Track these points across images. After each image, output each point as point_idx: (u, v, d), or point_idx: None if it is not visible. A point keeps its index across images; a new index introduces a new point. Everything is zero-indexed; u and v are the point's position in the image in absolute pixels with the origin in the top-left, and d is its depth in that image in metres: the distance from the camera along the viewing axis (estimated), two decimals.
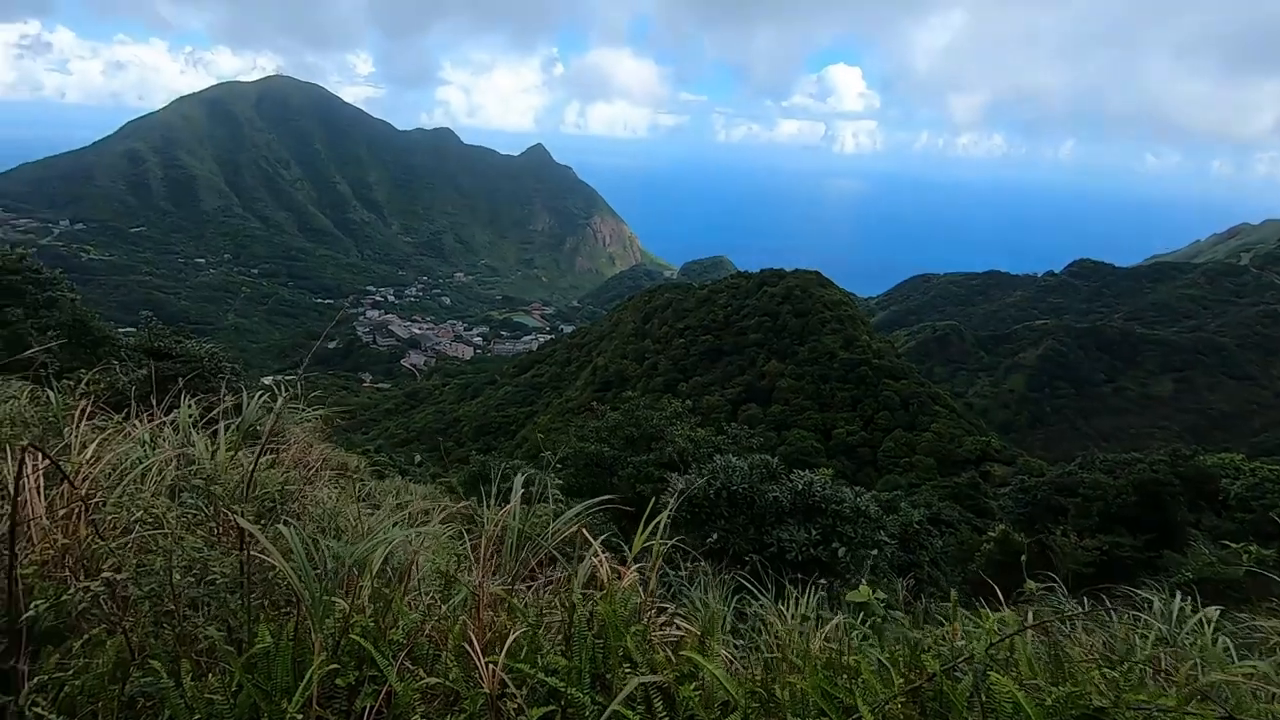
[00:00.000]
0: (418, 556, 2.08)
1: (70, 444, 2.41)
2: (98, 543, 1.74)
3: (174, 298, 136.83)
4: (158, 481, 2.67)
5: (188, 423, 3.74)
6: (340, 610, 1.70)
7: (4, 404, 4.24)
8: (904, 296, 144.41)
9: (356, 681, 1.55)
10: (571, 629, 1.64)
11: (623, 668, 1.58)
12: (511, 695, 1.45)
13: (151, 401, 4.13)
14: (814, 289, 70.20)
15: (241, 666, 1.45)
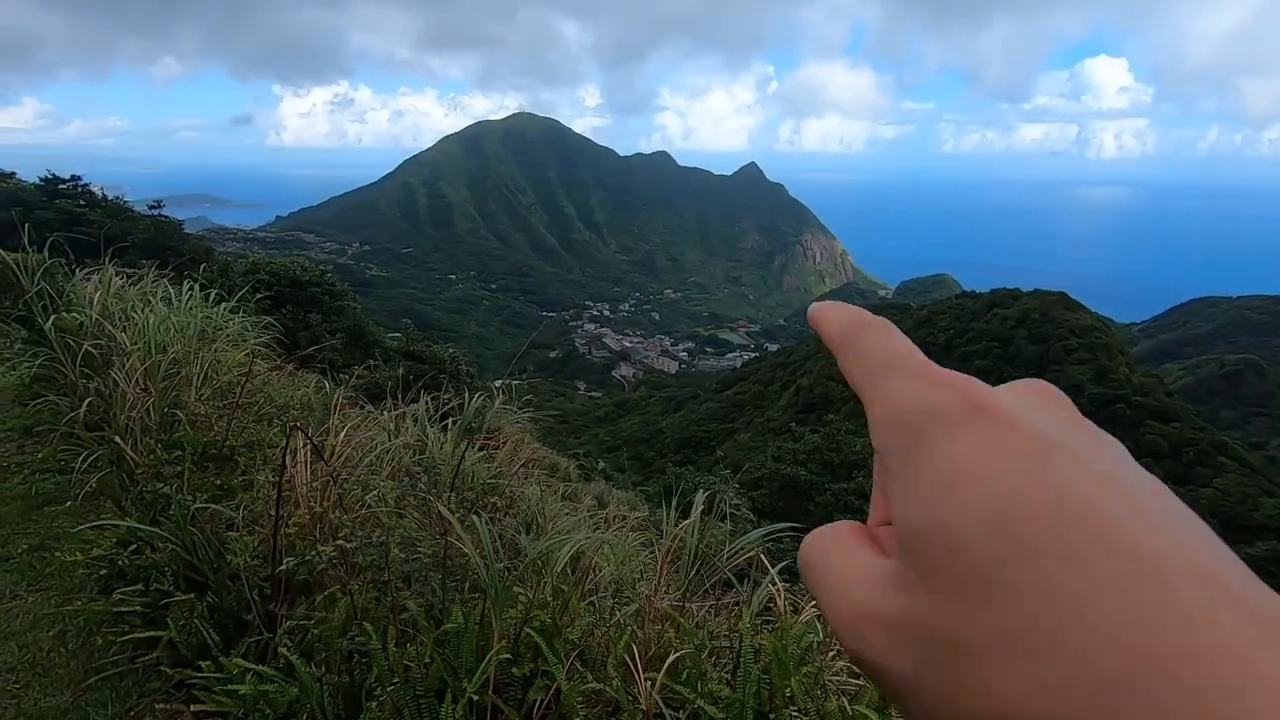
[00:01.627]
0: (595, 560, 2.15)
1: (330, 427, 2.87)
2: (337, 514, 2.04)
3: (430, 308, 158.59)
4: (394, 465, 3.08)
5: (424, 416, 4.27)
6: (523, 602, 1.80)
7: (298, 391, 5.18)
8: (1179, 323, 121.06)
9: (531, 673, 1.62)
10: (739, 658, 1.57)
11: (788, 710, 1.48)
12: (670, 715, 1.42)
13: (399, 396, 4.78)
14: (1057, 312, 61.75)
15: (434, 641, 1.59)
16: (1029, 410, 0.22)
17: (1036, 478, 0.20)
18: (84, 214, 13.44)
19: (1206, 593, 0.17)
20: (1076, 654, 0.17)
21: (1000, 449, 0.20)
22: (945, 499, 0.20)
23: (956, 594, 0.19)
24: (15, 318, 5.56)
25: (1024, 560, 0.18)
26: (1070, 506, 0.19)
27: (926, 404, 0.22)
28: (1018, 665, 0.18)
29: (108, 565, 2.69)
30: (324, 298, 13.17)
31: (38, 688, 2.38)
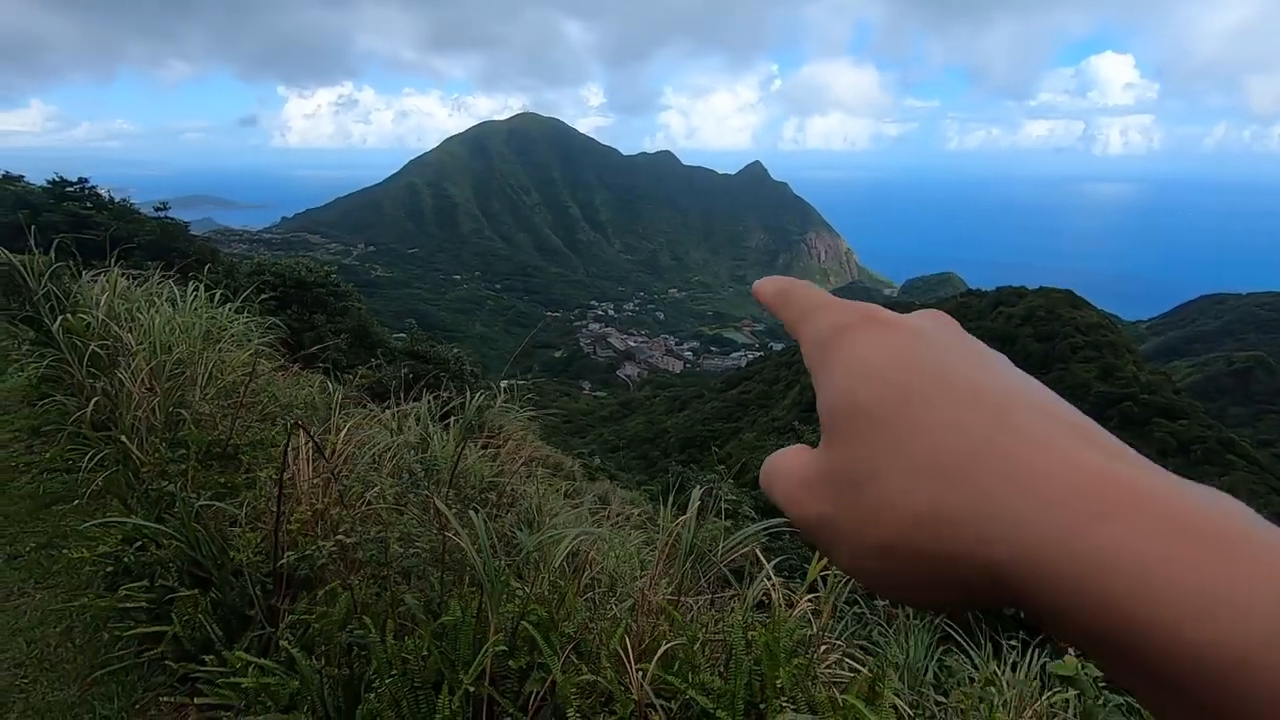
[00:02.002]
0: (592, 555, 2.17)
1: (332, 425, 2.90)
2: (337, 510, 2.07)
3: (435, 308, 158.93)
4: (395, 463, 3.11)
5: (426, 415, 4.31)
6: (520, 596, 1.83)
7: (302, 390, 5.23)
8: (1186, 320, 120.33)
9: (527, 666, 1.65)
10: (731, 650, 1.59)
11: (778, 700, 1.50)
12: (663, 706, 1.45)
13: (402, 395, 4.82)
14: (1063, 309, 61.47)
15: (431, 634, 1.62)
16: (914, 320, 0.29)
17: (908, 351, 0.26)
18: (91, 216, 13.54)
19: (1033, 416, 0.23)
20: (932, 461, 0.23)
21: (884, 338, 0.27)
22: (845, 377, 0.27)
23: (853, 440, 0.25)
24: (23, 319, 5.62)
25: (897, 404, 0.25)
26: (929, 368, 0.25)
27: (837, 322, 0.29)
28: (896, 476, 0.23)
29: (114, 562, 2.73)
30: (329, 298, 13.24)
31: (45, 682, 2.42)
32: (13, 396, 5.93)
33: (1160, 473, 0.21)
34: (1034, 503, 0.20)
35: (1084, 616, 0.19)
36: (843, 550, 0.26)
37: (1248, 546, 0.18)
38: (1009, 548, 0.20)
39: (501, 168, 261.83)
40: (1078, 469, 0.21)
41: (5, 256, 5.42)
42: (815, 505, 0.26)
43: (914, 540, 0.23)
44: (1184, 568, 0.18)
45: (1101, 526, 0.19)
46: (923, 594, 0.24)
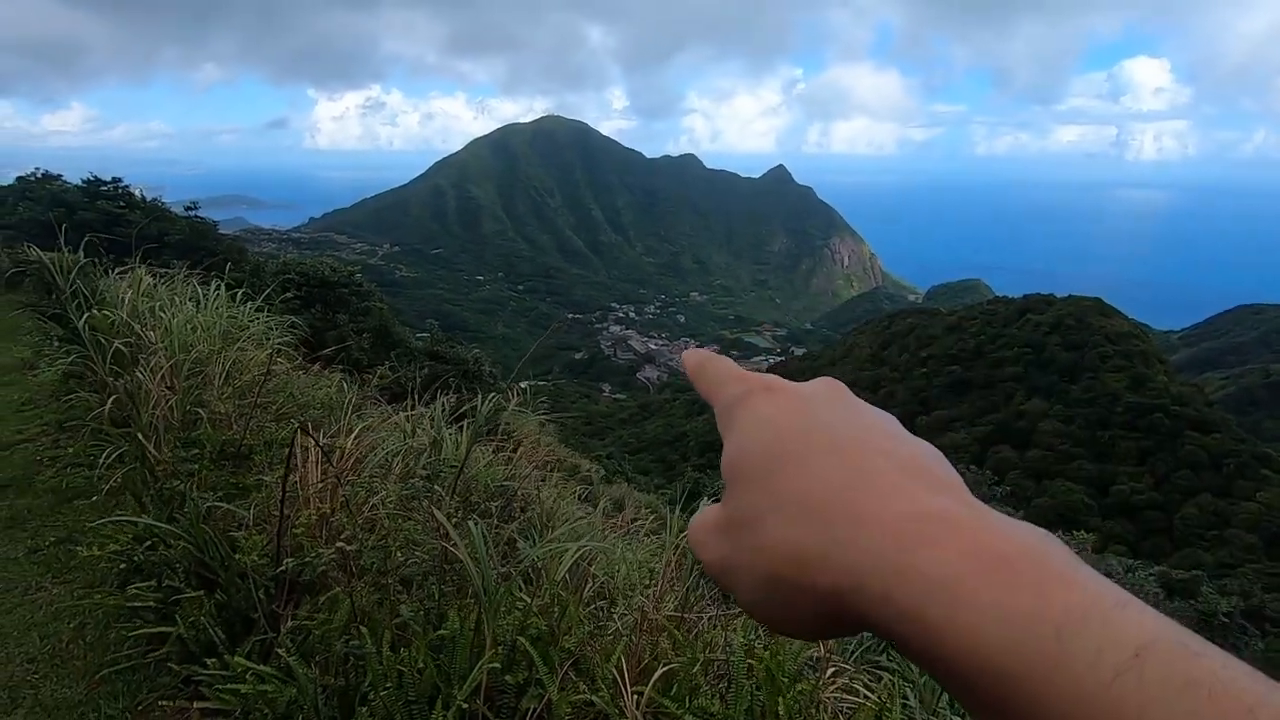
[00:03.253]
0: (592, 567, 2.14)
1: (342, 427, 2.90)
2: (341, 515, 2.05)
3: (458, 309, 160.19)
4: (404, 467, 3.10)
5: (440, 416, 4.30)
6: (520, 608, 1.79)
7: (319, 390, 5.26)
8: (1221, 331, 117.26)
9: (524, 682, 1.61)
10: (733, 674, 1.54)
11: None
12: None
13: (420, 396, 4.82)
14: (1092, 318, 60.18)
15: (426, 647, 1.59)
16: (806, 387, 0.34)
17: (789, 414, 0.31)
18: (124, 215, 13.82)
19: (882, 463, 0.28)
20: (798, 505, 0.27)
21: (771, 404, 0.32)
22: (738, 437, 0.32)
23: (744, 491, 0.30)
24: (52, 315, 5.74)
25: (780, 458, 0.29)
26: (802, 427, 0.30)
27: (739, 392, 0.34)
28: (776, 519, 0.28)
29: (125, 560, 2.75)
30: (351, 298, 13.37)
31: (55, 679, 2.44)
32: (42, 391, 6.05)
33: (984, 512, 0.25)
34: (867, 535, 0.25)
35: (906, 633, 0.23)
36: (738, 587, 0.30)
37: (1032, 571, 0.22)
38: (849, 576, 0.25)
39: (525, 170, 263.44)
40: (908, 507, 0.25)
41: (35, 254, 5.53)
42: (717, 549, 0.31)
43: (786, 574, 0.27)
44: (974, 585, 0.22)
45: (918, 552, 0.23)
46: (802, 625, 0.28)
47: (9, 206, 15.00)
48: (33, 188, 15.44)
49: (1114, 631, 0.20)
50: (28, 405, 5.91)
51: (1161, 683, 0.19)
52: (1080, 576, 0.21)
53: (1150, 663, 0.19)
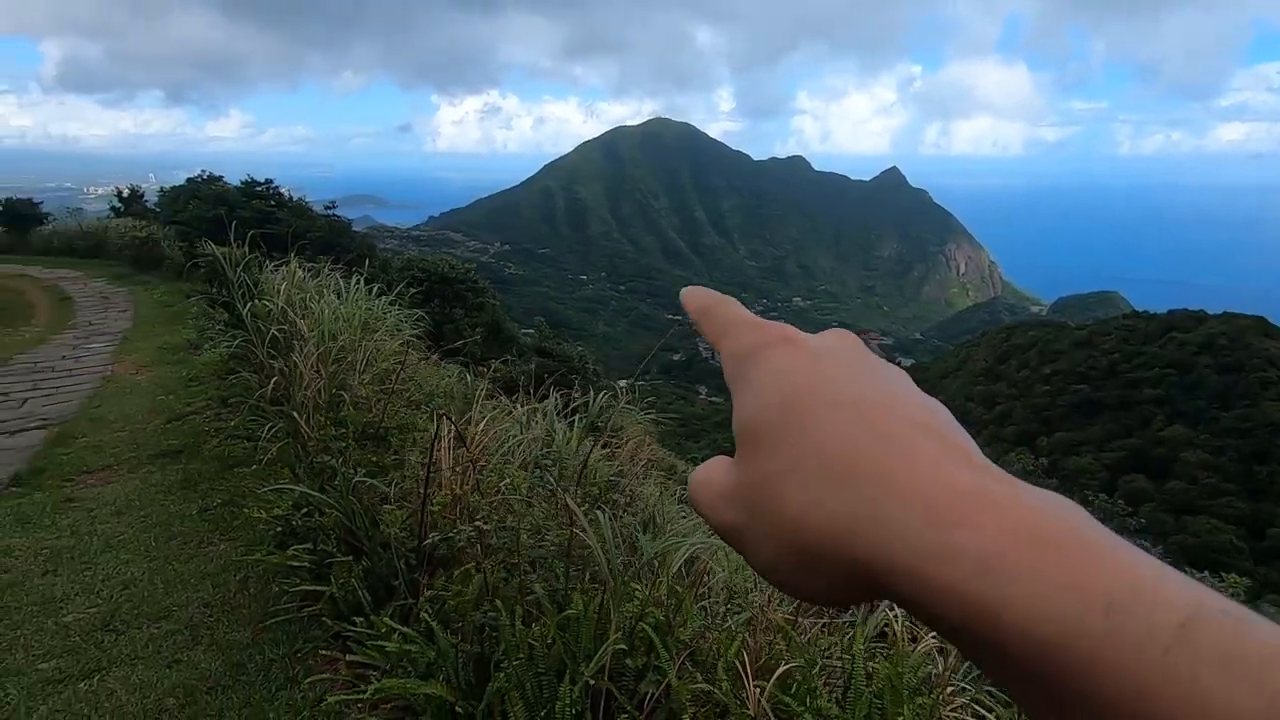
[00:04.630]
0: (709, 564, 2.19)
1: (471, 417, 3.12)
2: (475, 497, 2.22)
3: (562, 307, 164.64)
4: (525, 456, 3.29)
5: (552, 411, 4.50)
6: (639, 598, 1.88)
7: (442, 380, 5.63)
8: None
9: (643, 667, 1.70)
10: (850, 680, 1.55)
11: None
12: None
13: (531, 390, 5.06)
14: (1252, 338, 53.69)
15: (556, 624, 1.71)
16: (820, 340, 0.32)
17: (810, 369, 0.29)
18: (274, 213, 15.23)
19: (909, 428, 0.26)
20: (814, 467, 0.25)
21: (791, 357, 0.30)
22: (757, 394, 0.30)
23: (757, 452, 0.28)
24: (221, 303, 6.46)
25: (798, 417, 0.27)
26: (819, 383, 0.28)
27: (755, 341, 0.32)
28: (797, 485, 0.26)
29: (283, 524, 3.08)
30: (468, 294, 14.12)
31: (226, 623, 2.78)
32: (206, 369, 6.83)
33: (1015, 486, 0.24)
34: (896, 506, 0.23)
35: (935, 606, 0.22)
36: (753, 554, 0.28)
37: (1073, 548, 0.21)
38: (880, 551, 0.23)
39: (632, 172, 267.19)
40: (941, 480, 0.24)
41: (210, 249, 6.25)
42: (730, 514, 0.29)
43: (810, 546, 0.25)
44: (1018, 564, 0.21)
45: (956, 531, 0.22)
46: (821, 592, 0.26)
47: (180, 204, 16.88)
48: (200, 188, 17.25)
49: (1161, 605, 0.20)
50: (194, 381, 6.69)
51: (1214, 653, 0.19)
52: (1119, 550, 0.21)
53: (1198, 634, 0.19)
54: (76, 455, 4.88)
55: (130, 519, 3.83)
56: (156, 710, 2.26)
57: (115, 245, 17.79)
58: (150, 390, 6.60)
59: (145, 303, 12.30)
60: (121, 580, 3.15)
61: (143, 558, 3.37)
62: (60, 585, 3.12)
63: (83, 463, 4.74)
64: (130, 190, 22.29)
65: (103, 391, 6.67)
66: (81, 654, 2.60)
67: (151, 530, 3.68)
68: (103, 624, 2.80)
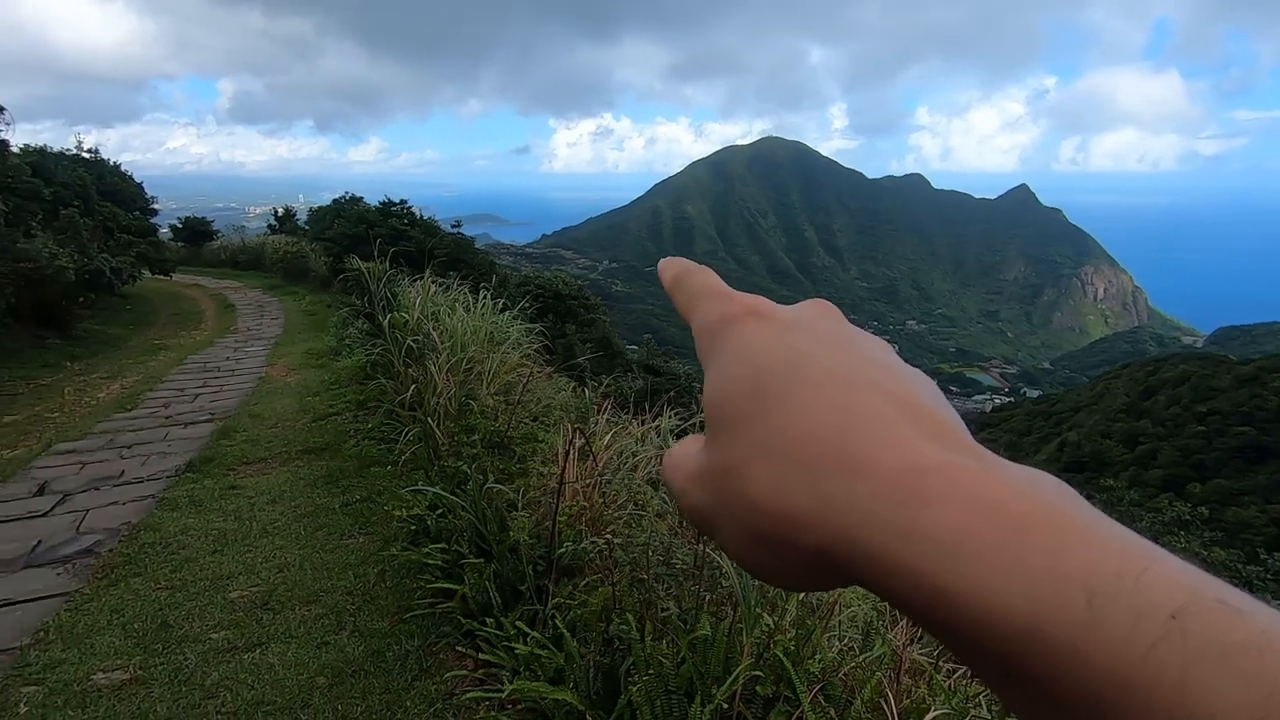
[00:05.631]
0: (841, 597, 2.12)
1: (595, 431, 3.20)
2: (605, 511, 2.27)
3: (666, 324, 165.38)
4: (645, 472, 3.33)
5: (668, 430, 4.53)
6: (765, 624, 1.85)
7: (559, 394, 5.81)
8: None
9: (773, 696, 1.66)
10: None
11: None
12: None
13: (644, 407, 5.13)
14: None
15: (686, 643, 1.71)
16: (793, 312, 0.30)
17: (777, 344, 0.27)
18: (407, 230, 16.36)
19: (879, 402, 0.24)
20: (788, 453, 0.24)
21: (760, 331, 0.28)
22: (724, 371, 0.28)
23: (723, 432, 0.26)
24: (364, 313, 7.02)
25: (763, 397, 0.26)
26: (788, 356, 0.27)
27: (723, 314, 0.30)
28: (761, 469, 0.24)
29: (417, 523, 3.28)
30: (580, 310, 14.53)
31: (367, 612, 2.99)
32: (346, 374, 7.42)
33: (993, 463, 0.22)
34: (863, 490, 0.22)
35: (902, 591, 0.21)
36: (722, 538, 0.27)
37: (1050, 528, 0.20)
38: (843, 534, 0.22)
39: (741, 190, 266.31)
40: (907, 457, 0.22)
41: (357, 264, 6.81)
42: (698, 496, 0.27)
43: (774, 532, 0.24)
44: (988, 545, 0.19)
45: (922, 511, 0.21)
46: (790, 578, 0.25)
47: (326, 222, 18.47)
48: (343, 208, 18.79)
49: (1150, 593, 0.18)
50: (336, 385, 7.28)
51: (1205, 645, 0.17)
52: (1107, 533, 0.20)
53: (1191, 624, 0.18)
54: (238, 447, 5.42)
55: (283, 508, 4.21)
56: (309, 687, 2.45)
57: (270, 259, 19.79)
58: (298, 391, 7.24)
59: (294, 311, 13.57)
60: (277, 563, 3.46)
61: (294, 544, 3.69)
62: (227, 564, 3.47)
63: (243, 454, 5.26)
64: (284, 210, 24.75)
65: (259, 391, 7.40)
66: (245, 628, 2.88)
67: (301, 520, 4.02)
68: (262, 602, 3.09)
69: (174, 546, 3.68)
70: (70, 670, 2.61)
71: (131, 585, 3.27)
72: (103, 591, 3.21)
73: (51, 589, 3.26)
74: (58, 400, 7.01)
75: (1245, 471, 48.66)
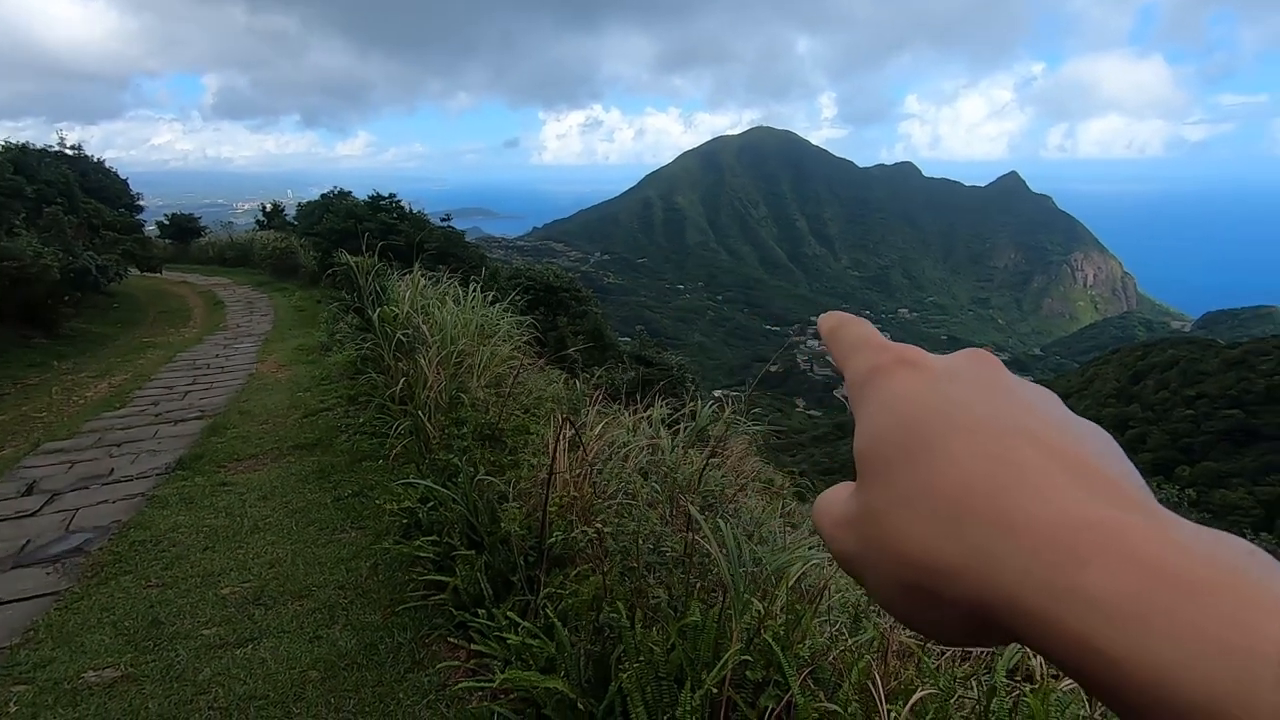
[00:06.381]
0: (829, 581, 2.13)
1: (586, 422, 3.20)
2: (595, 500, 2.28)
3: (659, 316, 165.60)
4: (635, 462, 3.34)
5: (659, 420, 4.54)
6: (755, 610, 1.86)
7: (550, 386, 5.80)
8: None
9: (763, 680, 1.68)
10: (988, 713, 1.47)
11: None
12: None
13: (635, 398, 5.13)
14: None
15: (676, 630, 1.72)
16: (947, 361, 0.30)
17: (928, 393, 0.27)
18: (396, 225, 16.26)
19: (1036, 454, 0.23)
20: (936, 504, 0.23)
21: (910, 381, 0.28)
22: (875, 420, 0.28)
23: (873, 480, 0.26)
24: (353, 308, 6.99)
25: (911, 447, 0.25)
26: (942, 407, 0.26)
27: (875, 364, 0.30)
28: (908, 518, 0.24)
29: (409, 516, 3.28)
30: (571, 302, 14.50)
31: (359, 606, 2.99)
32: (337, 369, 7.39)
33: (1165, 521, 0.21)
34: (1017, 547, 0.21)
35: (1065, 654, 0.20)
36: (871, 586, 0.27)
37: (1232, 595, 0.18)
38: (998, 592, 0.21)
39: (731, 181, 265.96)
40: (1063, 512, 0.21)
41: (345, 258, 6.77)
42: (846, 542, 0.28)
43: (920, 582, 0.23)
44: (1154, 610, 0.18)
45: (1082, 572, 0.20)
46: (945, 631, 0.24)
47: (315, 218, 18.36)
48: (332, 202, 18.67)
49: None
50: (326, 380, 7.24)
51: None
52: None
53: None
54: (228, 444, 5.40)
55: (274, 504, 4.20)
56: (302, 681, 2.46)
57: (259, 255, 19.65)
58: (289, 387, 7.21)
59: (283, 307, 13.48)
60: (269, 559, 3.45)
61: (285, 540, 3.68)
62: (218, 560, 3.46)
63: (234, 451, 5.24)
64: (273, 205, 24.56)
65: (249, 387, 7.35)
66: (237, 624, 2.87)
67: (293, 515, 4.01)
68: (254, 598, 3.08)
69: (165, 544, 3.67)
70: (61, 669, 2.60)
71: (122, 583, 3.26)
72: (93, 590, 3.20)
73: (41, 588, 3.25)
74: (45, 400, 6.95)
75: (1233, 454, 49.22)
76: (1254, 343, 62.34)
